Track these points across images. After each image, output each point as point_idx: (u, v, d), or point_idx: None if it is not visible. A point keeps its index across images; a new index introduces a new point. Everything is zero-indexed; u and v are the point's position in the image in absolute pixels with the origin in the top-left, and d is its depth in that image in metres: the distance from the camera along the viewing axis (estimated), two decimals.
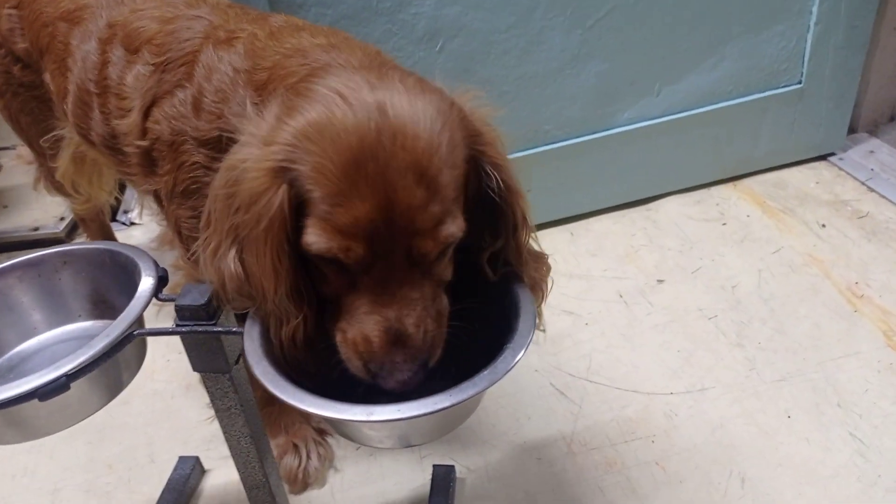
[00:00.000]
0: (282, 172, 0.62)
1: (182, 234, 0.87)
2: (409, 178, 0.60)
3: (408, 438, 0.69)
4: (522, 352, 0.65)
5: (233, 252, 0.65)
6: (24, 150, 1.42)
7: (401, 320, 0.64)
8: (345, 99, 0.62)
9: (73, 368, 0.66)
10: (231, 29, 0.81)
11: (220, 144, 0.77)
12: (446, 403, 0.60)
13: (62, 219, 1.74)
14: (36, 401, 0.66)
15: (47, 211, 1.76)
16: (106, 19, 0.93)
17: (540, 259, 0.79)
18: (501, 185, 0.69)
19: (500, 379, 0.63)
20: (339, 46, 0.75)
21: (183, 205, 0.84)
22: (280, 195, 0.61)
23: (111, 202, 1.52)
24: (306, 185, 0.61)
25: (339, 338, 0.67)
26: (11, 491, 1.14)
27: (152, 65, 0.84)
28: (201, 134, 0.78)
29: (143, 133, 0.85)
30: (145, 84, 0.84)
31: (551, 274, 0.81)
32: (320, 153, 0.60)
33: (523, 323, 0.68)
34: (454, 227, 0.64)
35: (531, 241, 0.77)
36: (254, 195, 0.62)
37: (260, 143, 0.63)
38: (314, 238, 0.62)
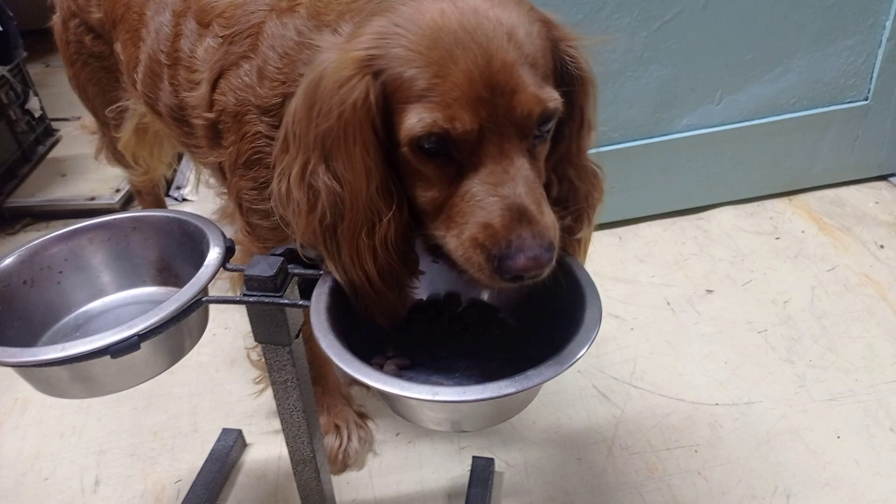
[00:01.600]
0: (369, 62, 0.61)
1: (243, 206, 0.88)
2: (499, 40, 0.60)
3: (461, 423, 0.69)
4: (588, 345, 0.65)
5: (323, 166, 0.64)
6: (89, 120, 1.46)
7: (520, 196, 0.60)
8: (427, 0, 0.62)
9: (145, 328, 0.68)
10: None
11: (282, 111, 0.77)
12: (511, 389, 0.60)
13: (118, 190, 1.78)
14: (105, 358, 0.67)
15: (104, 182, 1.81)
16: None
17: (595, 177, 0.76)
18: (575, 72, 0.68)
19: (564, 370, 0.63)
20: None
21: (245, 176, 0.85)
22: (365, 83, 0.61)
23: (167, 176, 1.55)
24: (398, 69, 0.61)
25: (453, 243, 0.63)
26: (60, 449, 1.17)
27: (221, 37, 0.85)
28: (264, 102, 0.79)
29: (211, 105, 0.86)
30: (213, 56, 0.85)
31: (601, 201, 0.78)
32: (409, 34, 0.60)
33: (589, 315, 0.68)
34: (553, 94, 0.63)
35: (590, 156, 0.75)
36: (337, 85, 0.61)
37: (340, 47, 0.63)
38: (417, 117, 0.60)
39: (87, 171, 1.87)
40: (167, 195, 1.79)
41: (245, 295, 0.73)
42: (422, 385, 0.60)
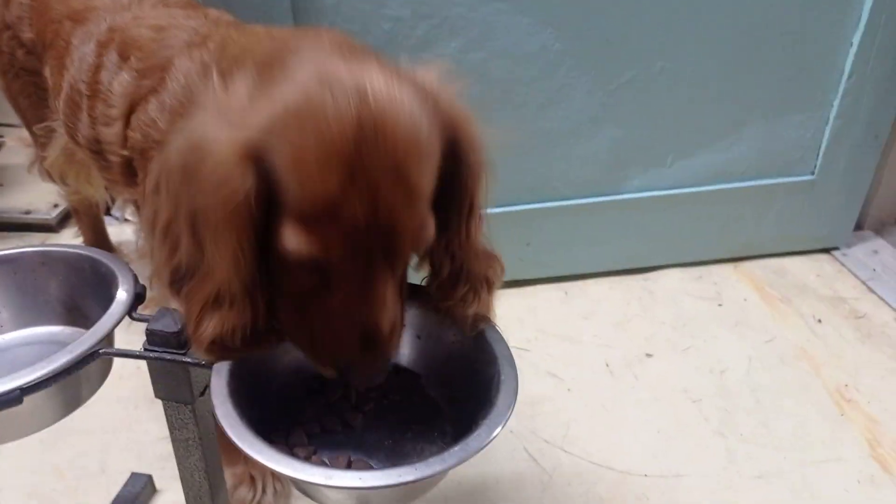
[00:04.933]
0: (253, 158, 0.57)
1: None
2: (392, 177, 0.57)
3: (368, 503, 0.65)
4: (498, 430, 0.63)
5: (188, 233, 0.61)
6: (25, 133, 1.40)
7: (376, 322, 0.62)
8: (323, 82, 0.57)
9: (29, 382, 0.63)
10: (206, 33, 0.80)
11: None
12: (410, 478, 0.57)
13: (56, 206, 1.72)
14: None
15: (42, 196, 1.74)
16: (108, 23, 0.92)
17: (491, 258, 0.74)
18: (471, 166, 0.66)
19: (470, 457, 0.60)
20: (307, 32, 0.71)
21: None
22: (248, 182, 0.57)
23: (103, 197, 1.50)
24: (282, 178, 0.57)
25: (304, 335, 0.65)
26: None
27: (135, 70, 0.83)
28: (163, 136, 0.76)
29: (125, 142, 0.83)
30: (126, 90, 0.83)
31: (502, 281, 0.76)
32: (300, 144, 0.56)
33: (503, 398, 0.65)
34: (431, 229, 0.62)
35: (483, 239, 0.73)
36: (220, 179, 0.57)
37: (228, 121, 0.58)
38: (293, 240, 0.58)
39: (26, 182, 1.79)
40: (108, 214, 1.73)
41: (146, 349, 0.69)
42: (315, 467, 0.57)
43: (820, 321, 1.49)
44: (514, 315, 1.49)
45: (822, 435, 1.23)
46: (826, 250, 1.71)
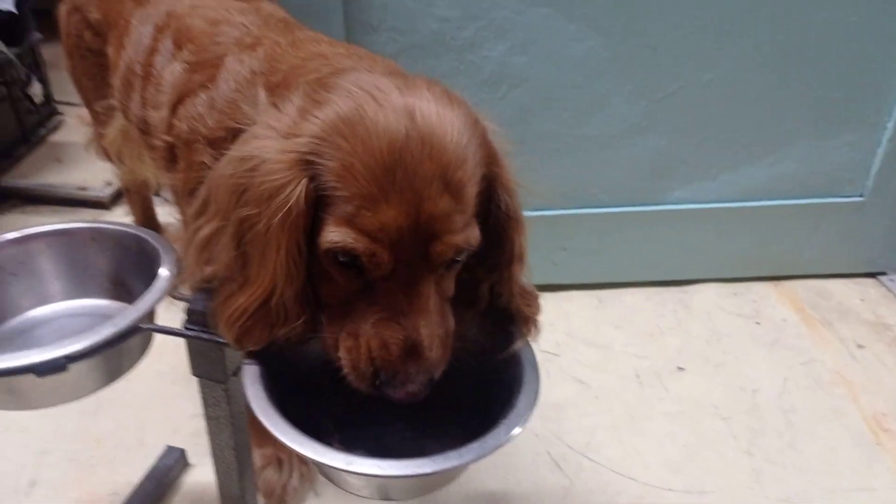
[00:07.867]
0: (305, 165, 0.60)
1: None
2: (434, 188, 0.60)
3: (387, 493, 0.67)
4: (516, 430, 0.63)
5: (233, 244, 0.64)
6: (84, 112, 1.46)
7: (418, 331, 0.63)
8: (375, 99, 0.61)
9: (75, 352, 0.67)
10: (258, 35, 0.83)
11: (224, 144, 0.78)
12: (427, 469, 0.58)
13: (109, 184, 1.78)
14: (32, 375, 0.66)
15: (97, 174, 1.81)
16: (167, 7, 0.96)
17: (531, 296, 0.78)
18: (508, 211, 0.69)
19: (487, 455, 0.61)
20: (360, 55, 0.76)
21: (190, 204, 0.85)
22: (301, 188, 0.60)
23: (154, 178, 1.55)
24: (331, 183, 0.60)
25: (346, 344, 0.65)
26: (2, 444, 1.15)
27: (187, 63, 0.87)
28: (210, 133, 0.80)
29: (169, 129, 0.87)
30: (177, 81, 0.87)
31: (541, 314, 0.79)
32: (350, 151, 0.59)
33: (523, 399, 0.66)
34: (473, 234, 0.64)
35: (523, 279, 0.76)
36: (274, 188, 0.60)
37: (280, 136, 0.62)
38: (338, 236, 0.60)
39: (82, 159, 1.87)
40: (157, 195, 1.79)
41: (186, 328, 0.72)
42: (337, 452, 0.59)
43: (861, 346, 1.45)
44: (546, 319, 1.47)
45: (854, 463, 1.20)
46: (872, 274, 1.66)
